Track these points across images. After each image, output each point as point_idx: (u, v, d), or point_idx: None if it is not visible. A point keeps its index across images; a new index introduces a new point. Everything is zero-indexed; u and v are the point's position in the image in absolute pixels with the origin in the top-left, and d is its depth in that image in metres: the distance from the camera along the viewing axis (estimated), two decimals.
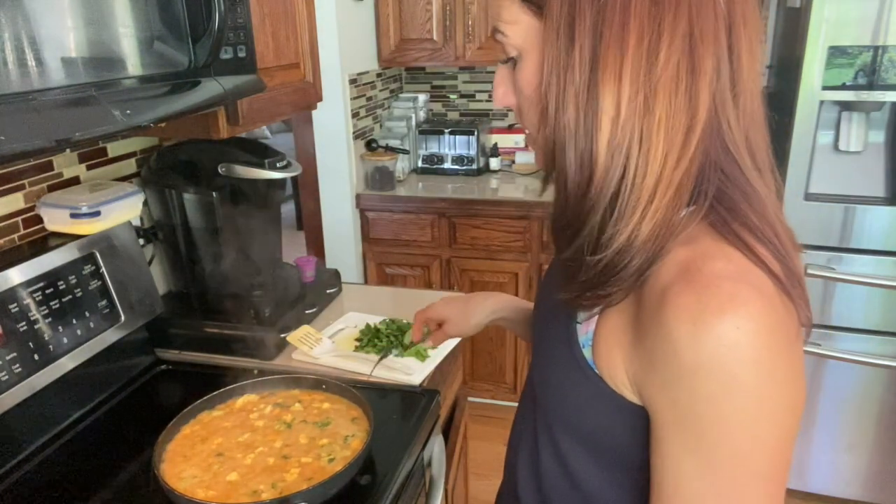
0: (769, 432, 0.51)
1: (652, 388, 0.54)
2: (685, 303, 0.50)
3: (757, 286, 0.51)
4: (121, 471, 1.04)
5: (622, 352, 0.57)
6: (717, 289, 0.50)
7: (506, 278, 2.68)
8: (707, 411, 0.50)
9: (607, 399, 0.59)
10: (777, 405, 0.51)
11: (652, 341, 0.53)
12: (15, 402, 1.01)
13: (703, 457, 0.51)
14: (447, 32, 2.72)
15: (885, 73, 1.84)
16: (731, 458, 0.51)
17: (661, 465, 0.55)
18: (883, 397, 2.11)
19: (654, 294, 0.53)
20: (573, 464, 0.66)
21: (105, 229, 1.22)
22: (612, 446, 0.62)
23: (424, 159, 2.99)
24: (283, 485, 0.93)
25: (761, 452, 0.51)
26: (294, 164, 1.40)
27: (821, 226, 2.02)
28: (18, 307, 1.03)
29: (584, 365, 0.61)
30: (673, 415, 0.53)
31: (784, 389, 0.51)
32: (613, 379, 0.58)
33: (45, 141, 0.73)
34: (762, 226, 0.56)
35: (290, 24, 1.36)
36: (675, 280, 0.52)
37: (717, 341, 0.48)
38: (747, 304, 0.49)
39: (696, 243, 0.54)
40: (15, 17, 0.71)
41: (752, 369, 0.49)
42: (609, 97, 0.53)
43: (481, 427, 2.50)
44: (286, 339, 1.37)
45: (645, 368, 0.55)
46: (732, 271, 0.51)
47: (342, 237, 2.76)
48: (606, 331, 0.59)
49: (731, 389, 0.49)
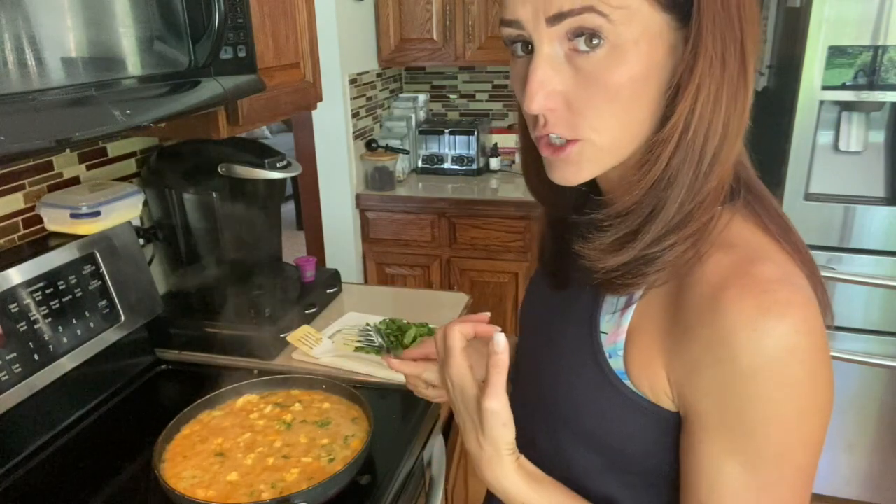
0: (816, 427, 0.53)
1: (695, 393, 0.54)
2: (744, 307, 0.50)
3: (804, 289, 0.53)
4: (121, 471, 1.04)
5: (661, 358, 0.57)
6: (774, 294, 0.51)
7: (506, 278, 2.68)
8: (761, 413, 0.51)
9: (639, 409, 0.59)
10: (824, 402, 0.53)
11: (701, 345, 0.53)
12: (15, 402, 1.01)
13: (749, 457, 0.52)
14: (447, 32, 2.73)
15: (885, 73, 1.84)
16: (777, 457, 0.52)
17: (697, 467, 0.55)
18: (883, 397, 2.11)
19: (703, 298, 0.53)
20: (577, 468, 0.65)
21: (105, 229, 1.22)
22: (637, 454, 0.61)
23: (424, 159, 2.99)
24: (283, 485, 0.93)
25: (806, 447, 0.53)
26: (294, 164, 1.40)
27: (821, 226, 2.02)
28: (18, 307, 1.03)
29: (612, 376, 0.60)
30: (720, 418, 0.53)
31: (828, 386, 0.53)
32: (653, 388, 0.58)
33: (45, 141, 0.73)
34: (780, 221, 0.59)
35: (290, 24, 1.36)
36: (728, 284, 0.52)
37: (776, 346, 0.50)
38: (803, 307, 0.51)
39: (735, 245, 0.55)
40: (15, 17, 0.71)
41: (808, 370, 0.51)
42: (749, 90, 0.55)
43: None
44: (286, 339, 1.37)
45: (690, 373, 0.54)
46: (783, 274, 0.52)
47: (342, 237, 2.76)
48: (641, 339, 0.58)
49: (789, 391, 0.51)
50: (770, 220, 0.58)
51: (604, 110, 0.53)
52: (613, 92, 0.53)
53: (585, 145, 0.56)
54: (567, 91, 0.54)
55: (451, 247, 2.70)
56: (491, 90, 3.19)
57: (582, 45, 0.52)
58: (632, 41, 0.51)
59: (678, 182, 0.54)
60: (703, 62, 0.52)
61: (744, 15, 0.53)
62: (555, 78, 0.53)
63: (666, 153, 0.54)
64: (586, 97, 0.53)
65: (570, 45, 0.53)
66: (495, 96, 3.19)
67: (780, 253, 0.55)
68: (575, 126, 0.55)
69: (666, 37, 0.53)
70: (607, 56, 0.52)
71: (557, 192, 0.67)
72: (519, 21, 0.54)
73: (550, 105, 0.54)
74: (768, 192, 0.61)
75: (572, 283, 0.68)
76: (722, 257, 0.54)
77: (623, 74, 0.52)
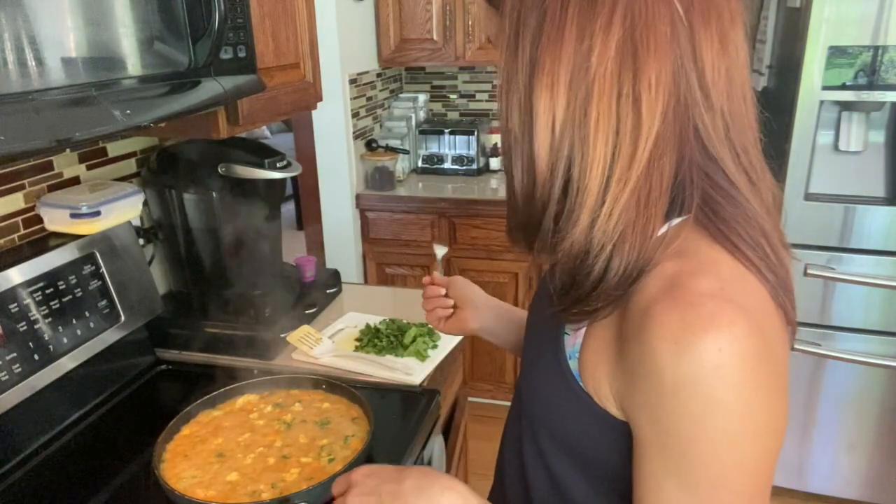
0: (751, 454, 0.50)
1: (634, 406, 0.53)
2: (668, 320, 0.49)
3: (742, 305, 0.50)
4: (121, 471, 1.04)
5: (607, 366, 0.56)
6: (700, 308, 0.48)
7: (506, 278, 2.68)
8: (688, 432, 0.49)
9: (591, 413, 0.58)
10: (760, 427, 0.50)
11: (634, 357, 0.52)
12: (15, 402, 1.01)
13: (684, 477, 0.51)
14: (447, 32, 2.72)
15: (885, 73, 1.84)
16: (712, 480, 0.50)
17: (643, 483, 0.54)
18: (883, 397, 2.11)
19: (639, 309, 0.52)
20: (559, 473, 0.65)
21: (105, 229, 1.22)
22: (597, 458, 0.61)
23: (424, 159, 2.99)
24: (283, 485, 0.93)
25: (742, 474, 0.50)
26: (294, 164, 1.40)
27: (821, 226, 2.02)
28: (18, 307, 1.03)
29: (569, 377, 0.60)
30: (654, 433, 0.52)
31: (767, 412, 0.50)
32: (598, 393, 0.57)
33: (45, 141, 0.73)
34: (749, 228, 0.55)
35: (290, 24, 1.36)
36: (660, 296, 0.51)
37: (698, 362, 0.47)
38: (731, 325, 0.48)
39: (687, 255, 0.53)
40: (15, 17, 0.71)
41: (735, 392, 0.48)
42: (544, 102, 0.53)
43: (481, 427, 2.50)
44: (286, 339, 1.37)
45: (627, 385, 0.54)
46: (717, 289, 0.50)
47: (342, 237, 2.76)
48: (593, 344, 0.58)
49: (712, 411, 0.48)
50: (726, 231, 0.55)
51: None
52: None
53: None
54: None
55: (451, 247, 2.70)
56: (491, 90, 3.19)
57: None
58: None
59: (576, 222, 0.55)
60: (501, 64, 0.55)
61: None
62: None
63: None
64: None
65: None
66: (495, 96, 3.19)
67: (729, 266, 0.53)
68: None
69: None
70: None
71: None
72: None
73: None
74: (742, 200, 0.56)
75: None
76: (665, 268, 0.53)
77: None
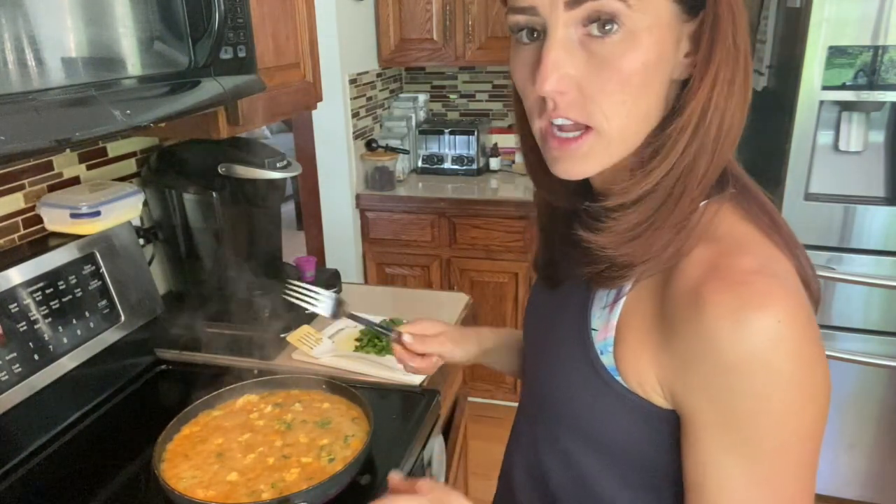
0: (811, 419, 0.52)
1: (688, 389, 0.54)
2: (722, 300, 0.50)
3: (786, 280, 0.52)
4: (121, 471, 1.04)
5: (649, 356, 0.57)
6: (751, 285, 0.51)
7: (506, 278, 2.68)
8: (750, 406, 0.51)
9: (631, 406, 0.58)
10: (817, 392, 0.52)
11: (686, 341, 0.53)
12: (15, 402, 1.01)
13: (747, 452, 0.52)
14: (447, 32, 2.72)
15: (885, 73, 1.84)
16: (774, 451, 0.51)
17: (701, 467, 0.54)
18: (883, 397, 2.11)
19: (685, 293, 0.53)
20: (587, 471, 0.65)
21: (105, 229, 1.22)
22: (629, 451, 0.61)
23: (424, 159, 2.99)
24: (283, 485, 0.93)
25: (803, 440, 0.52)
26: (294, 164, 1.40)
27: (821, 226, 2.02)
28: (18, 307, 1.03)
29: (604, 373, 0.60)
30: (712, 414, 0.53)
31: (823, 375, 0.52)
32: (642, 385, 0.58)
33: (45, 141, 0.73)
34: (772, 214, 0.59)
35: (290, 24, 1.36)
36: (705, 279, 0.52)
37: (759, 336, 0.49)
38: (785, 298, 0.50)
39: (717, 238, 0.55)
40: (15, 17, 0.71)
41: (795, 361, 0.50)
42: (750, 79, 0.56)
43: (481, 427, 2.50)
44: (286, 339, 1.37)
45: (678, 370, 0.54)
46: (760, 266, 0.52)
47: (342, 237, 2.76)
48: (630, 336, 0.58)
49: (776, 382, 0.50)
50: (759, 211, 0.58)
51: (615, 96, 0.54)
52: (626, 77, 0.53)
53: (594, 137, 0.56)
54: (579, 76, 0.54)
55: (451, 247, 2.70)
56: (491, 90, 3.19)
57: (595, 30, 0.52)
58: (646, 28, 0.52)
59: (695, 171, 0.55)
60: (720, 50, 0.53)
61: (737, 3, 0.55)
62: (568, 60, 0.53)
63: (682, 142, 0.55)
64: (599, 82, 0.53)
65: (584, 31, 0.53)
66: (495, 96, 3.19)
67: (764, 244, 0.55)
68: (586, 110, 0.55)
69: (674, 27, 0.54)
70: (622, 41, 0.52)
71: (567, 186, 0.66)
72: (534, 7, 0.54)
73: (562, 88, 0.54)
74: (756, 185, 0.61)
75: (564, 281, 0.68)
76: (703, 250, 0.55)
77: (637, 60, 0.52)
